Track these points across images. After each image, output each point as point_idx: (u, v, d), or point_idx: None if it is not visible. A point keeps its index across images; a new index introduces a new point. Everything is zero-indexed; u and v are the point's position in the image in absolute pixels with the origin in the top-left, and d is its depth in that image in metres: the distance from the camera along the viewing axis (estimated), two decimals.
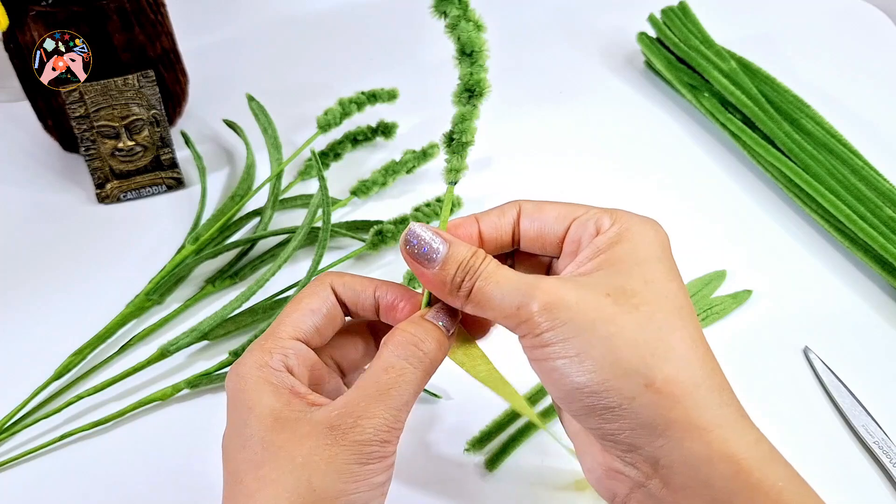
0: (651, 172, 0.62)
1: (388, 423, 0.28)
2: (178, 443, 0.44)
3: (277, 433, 0.28)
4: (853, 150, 0.59)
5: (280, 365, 0.30)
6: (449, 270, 0.29)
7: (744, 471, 0.26)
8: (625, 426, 0.26)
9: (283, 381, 0.29)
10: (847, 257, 0.55)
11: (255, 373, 0.29)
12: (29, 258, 0.54)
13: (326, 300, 0.32)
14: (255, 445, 0.28)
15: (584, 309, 0.27)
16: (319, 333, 0.32)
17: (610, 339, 0.26)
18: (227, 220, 0.54)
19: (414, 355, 0.29)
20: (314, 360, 0.31)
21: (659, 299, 0.27)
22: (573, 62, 0.73)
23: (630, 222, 0.29)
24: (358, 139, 0.61)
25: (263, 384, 0.29)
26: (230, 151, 0.63)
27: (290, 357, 0.30)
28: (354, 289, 0.32)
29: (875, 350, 0.50)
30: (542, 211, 0.31)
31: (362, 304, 0.32)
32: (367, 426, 0.27)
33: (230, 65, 0.72)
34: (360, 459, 0.27)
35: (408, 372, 0.29)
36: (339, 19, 0.78)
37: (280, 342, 0.30)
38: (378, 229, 0.52)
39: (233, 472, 0.29)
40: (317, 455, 0.27)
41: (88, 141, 0.55)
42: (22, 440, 0.44)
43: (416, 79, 0.69)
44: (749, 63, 0.66)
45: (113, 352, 0.48)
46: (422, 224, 0.30)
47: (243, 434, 0.29)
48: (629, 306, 0.27)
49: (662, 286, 0.28)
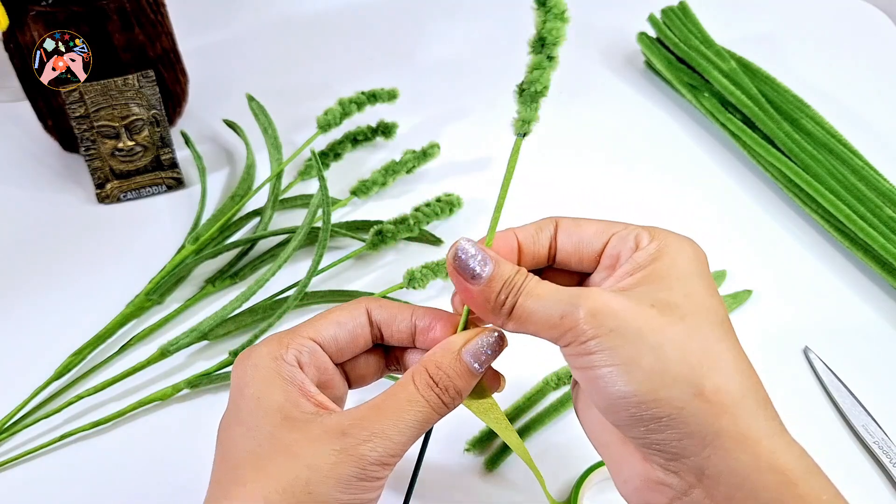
0: (651, 172, 0.62)
1: (396, 450, 0.28)
2: (178, 443, 0.44)
3: (287, 431, 0.28)
4: (853, 150, 0.59)
5: (293, 360, 0.30)
6: (494, 287, 0.29)
7: (790, 482, 0.26)
8: (673, 436, 0.26)
9: (293, 377, 0.29)
10: (847, 257, 0.55)
11: (268, 363, 0.30)
12: (29, 258, 0.54)
13: (356, 318, 0.32)
14: (260, 438, 0.28)
15: (631, 317, 0.27)
16: (338, 345, 0.32)
17: (659, 348, 0.26)
18: (227, 220, 0.54)
19: (441, 395, 0.29)
20: (326, 364, 0.31)
21: (701, 312, 0.27)
22: (573, 62, 0.73)
23: (669, 239, 0.29)
24: (358, 139, 0.61)
25: (274, 376, 0.29)
26: (230, 151, 0.63)
27: (304, 354, 0.30)
28: (391, 311, 0.32)
29: (875, 350, 0.50)
30: (580, 226, 0.31)
31: (398, 326, 0.32)
32: (378, 444, 0.28)
33: (230, 65, 0.72)
34: (360, 474, 0.28)
35: (428, 409, 0.29)
36: (339, 19, 0.78)
37: (297, 339, 0.31)
38: (378, 229, 0.52)
39: (229, 459, 0.29)
40: (321, 459, 0.27)
41: (88, 141, 0.55)
42: (22, 440, 0.44)
43: (416, 79, 0.69)
44: (749, 63, 0.66)
45: (113, 352, 0.48)
46: (470, 240, 0.30)
47: (247, 423, 0.29)
48: (675, 317, 0.27)
49: (703, 300, 0.28)
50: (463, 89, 0.69)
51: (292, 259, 0.51)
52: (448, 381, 0.29)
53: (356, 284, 0.53)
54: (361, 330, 0.32)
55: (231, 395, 0.30)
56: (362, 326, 0.32)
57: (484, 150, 0.63)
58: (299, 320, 0.50)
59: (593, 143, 0.65)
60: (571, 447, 0.44)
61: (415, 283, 0.49)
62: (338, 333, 0.32)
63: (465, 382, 0.30)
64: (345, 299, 0.51)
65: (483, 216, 0.57)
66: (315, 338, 0.31)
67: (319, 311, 0.51)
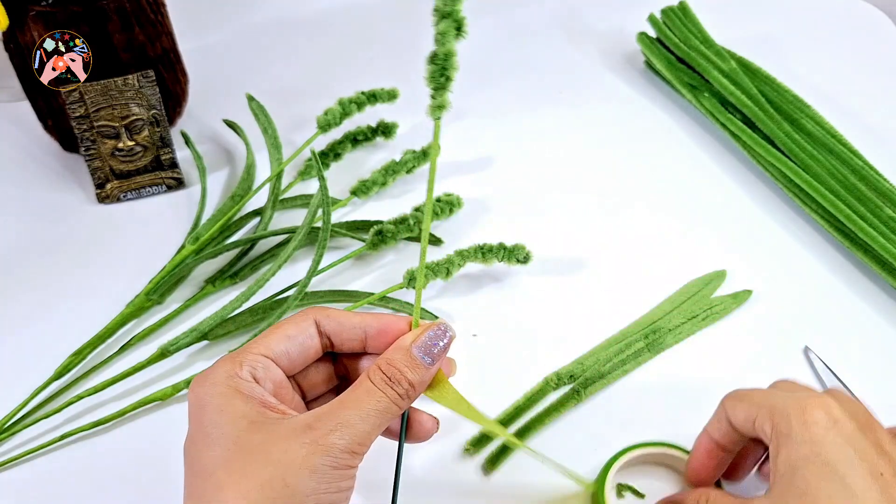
0: (651, 172, 0.62)
1: (363, 438, 0.29)
2: (178, 443, 0.44)
3: (254, 433, 0.29)
4: (853, 150, 0.59)
5: (248, 376, 0.31)
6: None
7: None
8: None
9: (252, 391, 0.30)
10: (847, 257, 0.55)
11: (225, 381, 0.30)
12: (29, 258, 0.54)
13: (304, 330, 0.33)
14: (227, 443, 0.29)
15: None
16: (290, 358, 0.32)
17: None
18: (227, 220, 0.54)
19: (396, 387, 0.31)
20: (281, 378, 0.32)
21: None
22: (573, 62, 0.73)
23: (782, 419, 0.30)
24: (358, 139, 0.61)
25: (234, 392, 0.30)
26: (230, 151, 0.63)
27: (258, 370, 0.31)
28: (339, 321, 0.33)
29: (875, 350, 0.50)
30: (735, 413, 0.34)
31: (347, 334, 0.33)
32: (344, 433, 0.29)
33: (230, 65, 0.72)
34: (333, 463, 0.28)
35: (386, 400, 0.30)
36: (339, 19, 0.78)
37: (250, 356, 0.31)
38: (378, 229, 0.52)
39: (200, 471, 0.29)
40: (292, 453, 0.28)
41: (88, 141, 0.55)
42: (22, 440, 0.44)
43: (416, 79, 0.69)
44: (749, 63, 0.66)
45: (113, 352, 0.48)
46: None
47: (212, 434, 0.29)
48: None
49: (818, 494, 0.28)
50: (463, 89, 0.68)
51: (292, 259, 0.51)
52: (399, 375, 0.31)
53: (356, 284, 0.53)
54: (311, 341, 0.33)
55: (191, 415, 0.31)
56: (311, 338, 0.33)
57: (484, 150, 0.63)
58: None
59: (593, 143, 0.65)
60: (572, 445, 0.44)
61: (415, 283, 0.49)
62: (289, 347, 0.32)
63: (417, 375, 0.31)
64: (345, 299, 0.51)
65: (483, 216, 0.58)
66: (267, 354, 0.32)
67: None
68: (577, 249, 0.56)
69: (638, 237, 0.57)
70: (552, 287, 0.53)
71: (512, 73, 0.72)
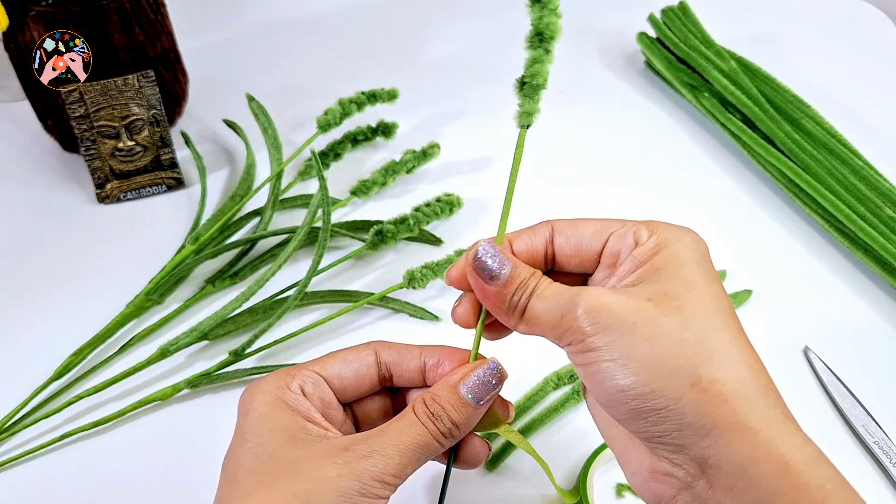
0: (651, 172, 0.62)
1: (396, 469, 0.29)
2: (178, 443, 0.44)
3: (292, 449, 0.29)
4: (853, 150, 0.59)
5: (297, 388, 0.31)
6: (510, 289, 0.29)
7: (791, 472, 0.25)
8: (671, 427, 0.26)
9: (299, 404, 0.30)
10: (847, 257, 0.55)
11: (273, 390, 0.31)
12: (29, 258, 0.54)
13: (363, 357, 0.33)
14: (263, 455, 0.29)
15: (626, 312, 0.27)
16: (342, 381, 0.33)
17: (652, 340, 0.26)
18: (227, 220, 0.54)
19: (438, 424, 0.30)
20: (331, 398, 0.32)
21: (701, 300, 0.27)
22: (573, 62, 0.73)
23: (668, 231, 0.29)
24: (358, 139, 0.61)
25: (280, 402, 0.30)
26: (230, 151, 0.63)
27: (308, 384, 0.31)
28: (400, 352, 0.33)
29: (875, 350, 0.50)
30: (576, 227, 0.31)
31: (407, 365, 0.33)
32: (378, 461, 0.29)
33: (230, 65, 0.72)
34: (361, 489, 0.28)
35: (427, 436, 0.30)
36: (339, 19, 0.78)
37: (302, 371, 0.32)
38: (378, 229, 0.52)
39: (233, 478, 0.29)
40: (323, 472, 0.28)
41: (88, 141, 0.55)
42: (22, 440, 0.44)
43: (416, 79, 0.69)
44: (749, 63, 0.66)
45: (113, 352, 0.48)
46: (490, 240, 0.30)
47: (251, 442, 0.29)
48: (671, 308, 0.27)
49: (703, 289, 0.28)
50: (463, 89, 0.69)
51: (292, 259, 0.51)
52: (443, 412, 0.30)
53: (356, 284, 0.53)
54: (367, 370, 0.33)
55: (237, 421, 0.31)
56: (369, 366, 0.33)
57: (484, 150, 0.63)
58: (299, 320, 0.50)
59: (593, 143, 0.65)
60: (572, 445, 0.44)
61: (415, 283, 0.49)
62: (343, 370, 0.33)
63: (460, 415, 0.31)
64: (345, 299, 0.51)
65: (483, 216, 0.57)
66: (320, 372, 0.32)
67: (320, 311, 0.51)
68: None
69: None
70: None
71: (512, 73, 0.71)
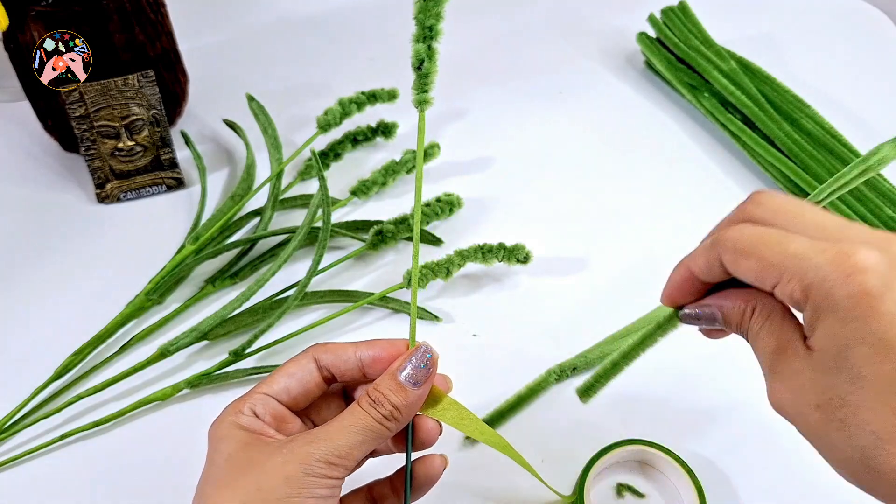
0: (651, 172, 0.62)
1: (340, 451, 0.31)
2: (178, 443, 0.44)
3: (244, 452, 0.31)
4: (853, 150, 0.59)
5: (249, 412, 0.33)
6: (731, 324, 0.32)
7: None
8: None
9: (251, 424, 0.32)
10: None
11: (229, 419, 0.33)
12: (29, 258, 0.54)
13: (303, 366, 0.34)
14: (220, 462, 0.31)
15: (800, 424, 0.27)
16: (290, 393, 0.34)
17: (827, 452, 0.26)
18: (227, 220, 0.54)
19: (380, 408, 0.32)
20: (283, 412, 0.34)
21: (868, 402, 0.24)
22: (573, 62, 0.73)
23: (821, 290, 0.25)
24: (358, 139, 0.61)
25: (234, 425, 0.32)
26: (230, 151, 0.63)
27: (258, 406, 0.33)
28: (336, 352, 0.35)
29: None
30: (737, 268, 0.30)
31: (346, 365, 0.34)
32: (322, 445, 0.31)
33: (230, 65, 0.72)
34: (306, 470, 0.30)
35: (368, 419, 0.32)
36: (339, 19, 0.78)
37: (251, 396, 0.34)
38: (378, 229, 0.52)
39: (198, 491, 0.31)
40: (270, 463, 0.30)
41: (88, 141, 0.55)
42: (22, 440, 0.44)
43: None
44: (749, 63, 0.66)
45: (113, 352, 0.48)
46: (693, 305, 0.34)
47: (212, 459, 0.32)
48: (836, 423, 0.25)
49: (873, 379, 0.24)
50: (463, 89, 0.69)
51: (292, 259, 0.51)
52: (383, 398, 0.32)
53: (356, 284, 0.53)
54: (310, 376, 0.34)
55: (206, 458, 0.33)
56: (310, 372, 0.34)
57: (484, 150, 0.63)
58: (299, 320, 0.50)
59: (593, 143, 0.65)
60: (572, 438, 0.44)
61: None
62: (288, 383, 0.34)
63: (399, 398, 0.32)
64: (345, 299, 0.51)
65: (483, 216, 0.57)
66: (266, 391, 0.34)
67: (320, 311, 0.51)
68: (578, 249, 0.56)
69: (638, 236, 0.57)
70: (552, 287, 0.53)
71: (512, 72, 0.72)
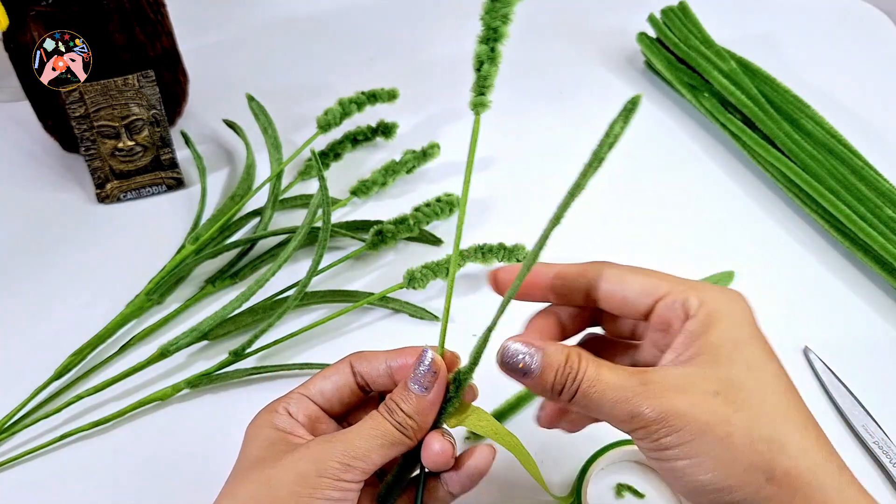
0: (651, 173, 0.62)
1: (356, 452, 0.31)
2: (178, 443, 0.44)
3: (267, 449, 0.32)
4: (853, 150, 0.59)
5: (283, 411, 0.34)
6: (547, 378, 0.30)
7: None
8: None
9: (283, 423, 0.33)
10: (847, 257, 0.55)
11: (264, 416, 0.34)
12: (29, 258, 0.54)
13: (340, 371, 0.35)
14: (244, 459, 0.32)
15: (697, 414, 0.28)
16: (324, 395, 0.35)
17: (726, 439, 0.27)
18: (227, 220, 0.54)
19: (394, 416, 0.32)
20: (314, 412, 0.35)
21: (764, 388, 0.29)
22: (573, 62, 0.73)
23: (716, 302, 0.30)
24: (358, 139, 0.61)
25: (267, 423, 0.33)
26: (230, 151, 0.63)
27: (292, 405, 0.34)
28: (369, 360, 0.35)
29: (875, 350, 0.50)
30: (624, 282, 0.32)
31: (377, 372, 0.35)
32: (337, 446, 0.31)
33: (230, 65, 0.72)
34: (317, 471, 0.30)
35: (386, 424, 0.32)
36: (339, 19, 0.78)
37: (289, 395, 0.35)
38: (378, 229, 0.52)
39: (224, 492, 0.32)
40: (285, 458, 0.31)
41: (88, 141, 0.55)
42: (22, 440, 0.44)
43: (416, 79, 0.69)
44: (749, 63, 0.66)
45: (113, 352, 0.48)
46: (513, 337, 0.32)
47: (239, 457, 0.33)
48: (739, 402, 0.28)
49: (764, 370, 0.29)
50: (463, 89, 0.68)
51: (292, 259, 0.51)
52: (395, 405, 0.33)
53: (356, 284, 0.53)
54: (345, 381, 0.35)
55: None
56: (346, 377, 0.35)
57: (484, 150, 0.63)
58: (299, 320, 0.50)
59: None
60: (571, 438, 0.44)
61: (415, 283, 0.49)
62: (323, 386, 0.35)
63: (412, 407, 0.32)
64: (345, 299, 0.51)
65: (483, 216, 0.57)
66: (303, 392, 0.35)
67: (320, 311, 0.51)
68: (578, 250, 0.55)
69: (638, 237, 0.57)
70: None
71: (512, 73, 0.71)
